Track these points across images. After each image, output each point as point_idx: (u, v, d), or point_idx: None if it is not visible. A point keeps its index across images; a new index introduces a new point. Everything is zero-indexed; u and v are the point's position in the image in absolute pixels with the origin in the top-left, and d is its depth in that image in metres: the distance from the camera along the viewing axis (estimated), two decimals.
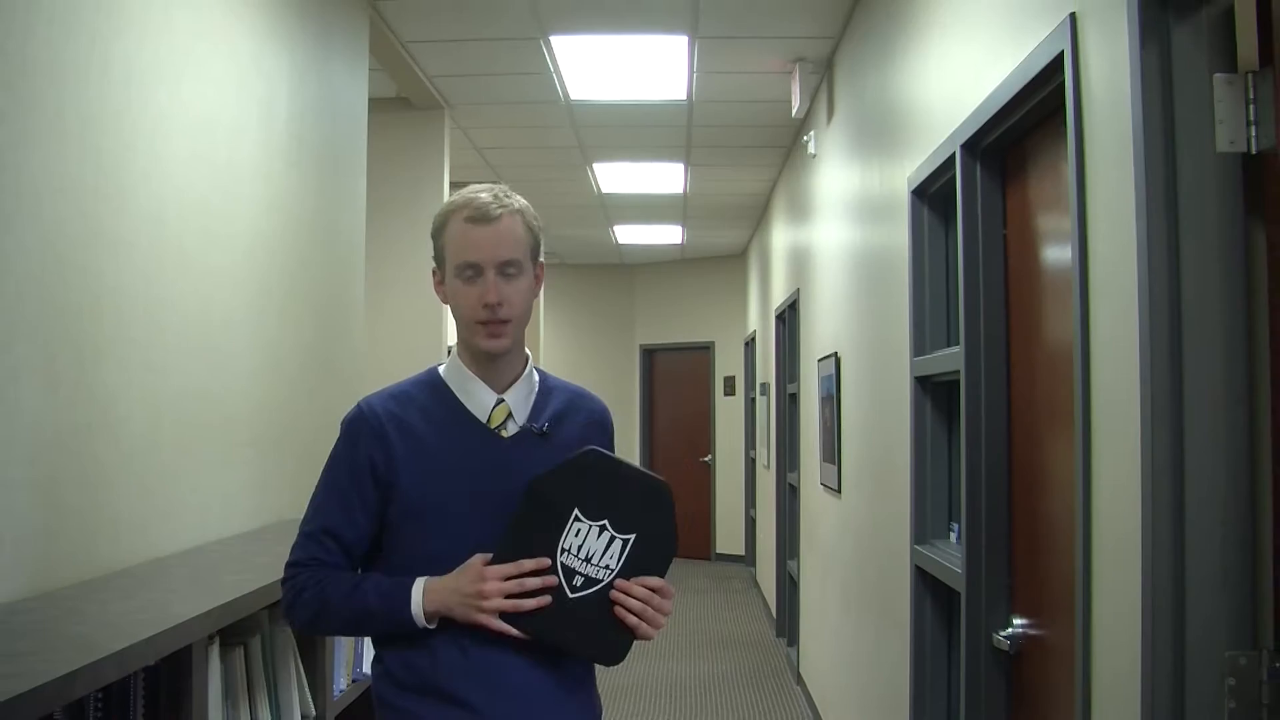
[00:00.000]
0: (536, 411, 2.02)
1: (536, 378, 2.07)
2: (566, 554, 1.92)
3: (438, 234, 2.00)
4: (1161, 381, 1.76)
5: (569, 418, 2.04)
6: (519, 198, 2.01)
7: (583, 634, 1.93)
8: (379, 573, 1.97)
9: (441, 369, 2.06)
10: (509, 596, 1.88)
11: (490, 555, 1.91)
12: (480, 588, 1.88)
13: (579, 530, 1.93)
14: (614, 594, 1.93)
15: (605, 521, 1.93)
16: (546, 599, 1.90)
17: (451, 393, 2.01)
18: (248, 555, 2.80)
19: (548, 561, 1.91)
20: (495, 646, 1.92)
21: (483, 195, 1.96)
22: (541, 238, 2.04)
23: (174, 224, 2.80)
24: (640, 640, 1.95)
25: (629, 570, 1.93)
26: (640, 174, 8.07)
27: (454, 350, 2.05)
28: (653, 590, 1.94)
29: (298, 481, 3.61)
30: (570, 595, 1.92)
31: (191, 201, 2.90)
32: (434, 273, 2.03)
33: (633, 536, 1.94)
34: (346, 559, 1.97)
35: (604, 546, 1.93)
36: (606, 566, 1.93)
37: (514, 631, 1.89)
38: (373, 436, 1.97)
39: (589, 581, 1.92)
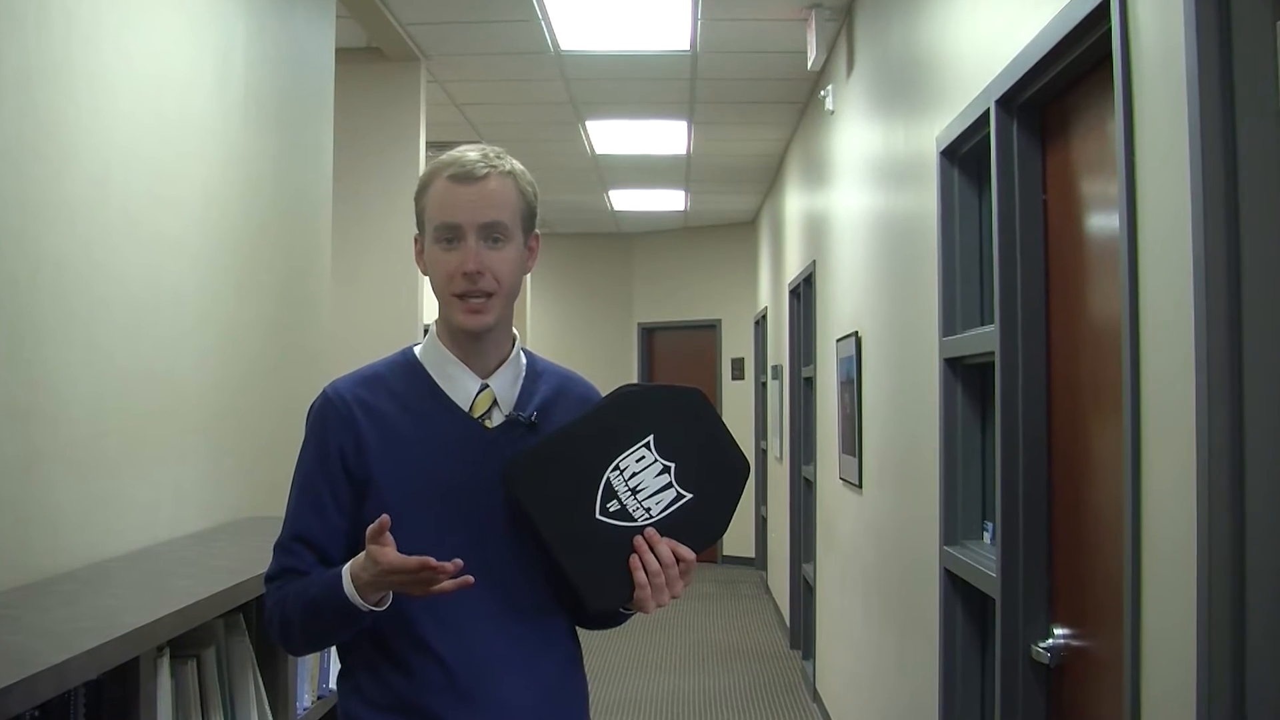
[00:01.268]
0: (524, 398, 2.02)
1: (524, 360, 2.06)
2: (617, 474, 1.93)
3: (420, 196, 1.99)
4: (1219, 361, 1.76)
5: (559, 405, 2.03)
6: (514, 161, 2.00)
7: (582, 556, 1.92)
8: None
9: (418, 350, 2.05)
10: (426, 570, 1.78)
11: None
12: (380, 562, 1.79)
13: (642, 458, 1.94)
14: (638, 540, 1.92)
15: (673, 465, 1.94)
16: (469, 579, 1.80)
17: (429, 377, 2.00)
18: (201, 557, 2.80)
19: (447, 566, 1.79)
20: (480, 663, 1.92)
21: (470, 154, 1.96)
22: (537, 207, 2.03)
23: (119, 186, 2.79)
24: (632, 607, 1.94)
25: (665, 528, 1.94)
26: (639, 133, 8.05)
27: (432, 329, 2.05)
28: (678, 560, 1.92)
29: (256, 474, 3.61)
30: (595, 516, 1.92)
31: (138, 161, 2.90)
32: (415, 240, 2.02)
33: (689, 497, 1.95)
34: (324, 565, 1.94)
35: (656, 489, 1.94)
36: (647, 510, 1.93)
37: (449, 568, 1.77)
38: (341, 423, 1.96)
39: (622, 513, 1.92)
